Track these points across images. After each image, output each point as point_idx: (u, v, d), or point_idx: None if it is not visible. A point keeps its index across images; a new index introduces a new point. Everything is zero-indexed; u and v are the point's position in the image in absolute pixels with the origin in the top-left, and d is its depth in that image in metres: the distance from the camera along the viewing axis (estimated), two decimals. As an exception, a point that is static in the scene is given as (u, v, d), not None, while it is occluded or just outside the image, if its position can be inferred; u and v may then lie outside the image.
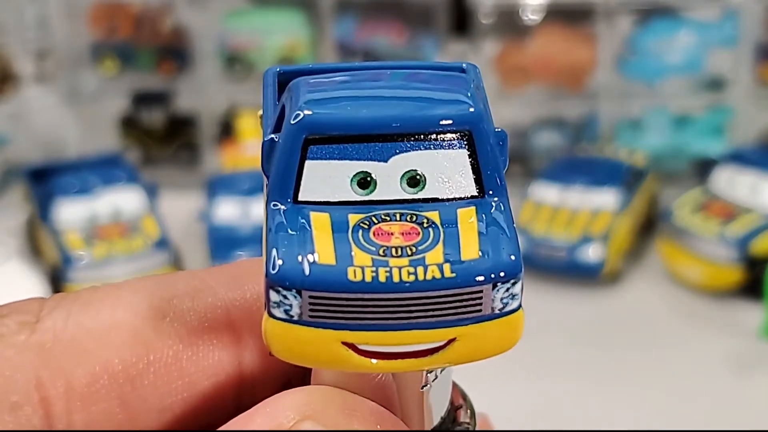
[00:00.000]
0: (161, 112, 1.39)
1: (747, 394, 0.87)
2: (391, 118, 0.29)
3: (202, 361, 0.30)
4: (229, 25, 1.36)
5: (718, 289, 1.02)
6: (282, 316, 0.27)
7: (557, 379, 0.90)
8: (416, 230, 0.28)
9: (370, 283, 0.26)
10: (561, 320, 1.01)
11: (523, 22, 1.29)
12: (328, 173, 0.29)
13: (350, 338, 0.27)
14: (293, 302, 0.27)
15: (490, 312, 0.28)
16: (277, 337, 0.27)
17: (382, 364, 0.27)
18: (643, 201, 1.15)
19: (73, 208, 1.08)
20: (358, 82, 0.31)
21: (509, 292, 0.28)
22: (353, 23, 1.34)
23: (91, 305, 0.29)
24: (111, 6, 1.39)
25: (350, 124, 0.29)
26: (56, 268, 1.04)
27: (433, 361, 0.28)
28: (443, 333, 0.27)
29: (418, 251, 0.27)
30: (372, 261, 0.27)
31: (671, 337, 0.97)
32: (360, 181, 0.29)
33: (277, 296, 0.27)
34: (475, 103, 0.29)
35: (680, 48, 1.26)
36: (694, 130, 1.27)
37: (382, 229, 0.28)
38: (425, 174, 0.29)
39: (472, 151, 0.29)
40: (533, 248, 1.06)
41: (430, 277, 0.27)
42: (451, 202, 0.29)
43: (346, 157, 0.29)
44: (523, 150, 1.31)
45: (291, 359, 0.27)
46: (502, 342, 0.29)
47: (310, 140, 0.28)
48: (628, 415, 0.84)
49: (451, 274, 0.27)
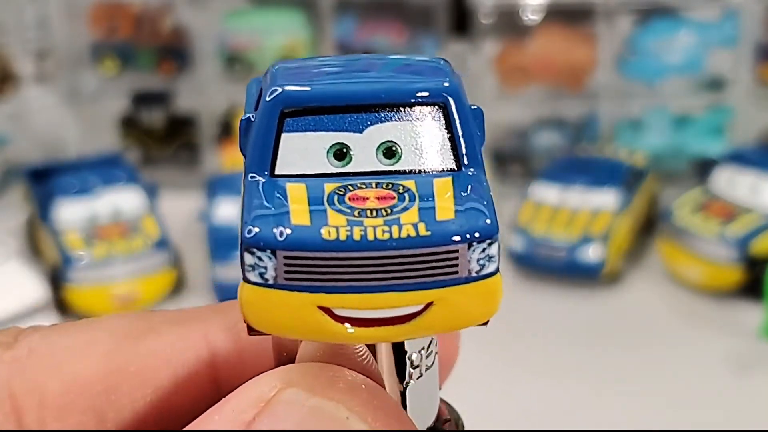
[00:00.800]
0: (161, 112, 1.39)
1: (747, 394, 0.87)
2: (367, 90, 0.29)
3: (180, 375, 0.30)
4: (229, 25, 1.36)
5: (718, 289, 1.02)
6: (257, 280, 0.26)
7: (557, 379, 0.90)
8: (392, 195, 0.28)
9: (344, 241, 0.26)
10: (561, 320, 1.01)
11: (523, 22, 1.29)
12: (304, 145, 0.29)
13: (326, 302, 0.26)
14: (268, 264, 0.26)
15: (467, 274, 0.27)
16: (253, 304, 0.27)
17: (359, 333, 0.27)
18: (643, 201, 1.15)
19: (73, 208, 1.08)
20: (336, 65, 0.31)
21: (486, 253, 0.28)
22: (353, 23, 1.34)
23: (69, 327, 0.30)
24: (111, 6, 1.39)
25: (326, 95, 0.29)
26: (56, 268, 1.04)
27: (411, 329, 0.27)
28: (420, 296, 0.27)
29: (393, 213, 0.27)
30: (347, 221, 0.27)
31: (671, 337, 0.97)
32: (336, 153, 0.29)
33: (252, 258, 0.26)
34: (451, 80, 0.29)
35: (680, 48, 1.26)
36: (694, 130, 1.27)
37: (357, 194, 0.28)
38: (401, 145, 0.29)
39: (448, 124, 0.29)
40: (533, 248, 1.06)
41: (405, 235, 0.27)
42: (428, 174, 0.29)
43: (321, 128, 0.29)
44: (523, 150, 1.31)
45: (267, 328, 0.27)
46: (480, 309, 0.28)
47: (286, 113, 0.29)
48: (628, 415, 0.84)
49: (426, 232, 0.27)
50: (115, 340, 0.29)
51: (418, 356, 0.30)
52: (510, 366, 0.93)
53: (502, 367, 0.93)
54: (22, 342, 0.29)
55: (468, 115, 0.30)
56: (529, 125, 1.33)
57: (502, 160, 1.31)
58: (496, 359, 0.94)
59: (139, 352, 0.29)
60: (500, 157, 1.31)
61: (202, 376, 0.30)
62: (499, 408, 0.86)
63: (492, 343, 0.97)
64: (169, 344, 0.30)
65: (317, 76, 0.30)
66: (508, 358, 0.94)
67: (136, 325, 0.30)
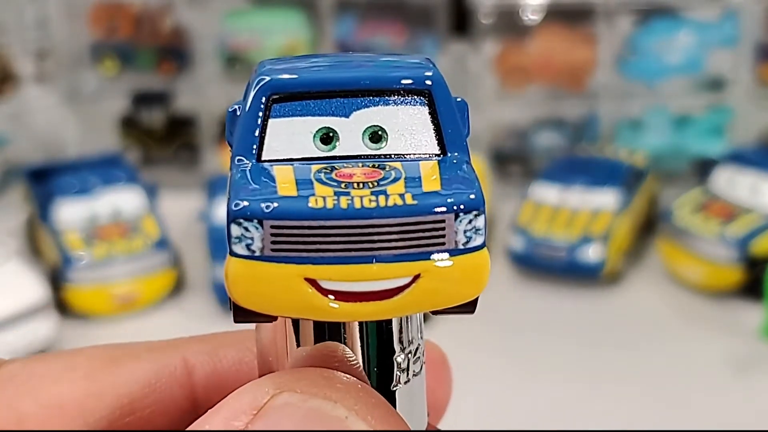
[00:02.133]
0: (161, 112, 1.39)
1: (747, 394, 0.87)
2: (354, 76, 0.29)
3: (158, 397, 0.30)
4: (229, 25, 1.36)
5: (718, 290, 1.02)
6: (243, 253, 0.26)
7: (557, 379, 0.90)
8: (378, 172, 0.28)
9: (331, 209, 0.26)
10: (561, 320, 1.01)
11: (523, 22, 1.29)
12: (291, 130, 0.29)
13: (312, 273, 0.26)
14: (255, 235, 0.26)
15: (454, 246, 0.27)
16: (240, 277, 0.26)
17: (345, 308, 0.26)
18: (643, 201, 1.15)
19: (73, 208, 1.08)
20: (324, 60, 0.31)
21: (472, 225, 0.28)
22: (353, 23, 1.34)
23: (49, 355, 0.30)
24: (111, 6, 1.39)
25: (313, 81, 0.29)
26: (56, 269, 1.04)
27: (397, 304, 0.27)
28: (407, 267, 0.27)
29: (380, 185, 0.27)
30: (334, 192, 0.27)
31: (671, 337, 0.97)
32: (323, 137, 0.29)
33: (239, 229, 0.26)
34: (435, 71, 0.30)
35: (680, 48, 1.26)
36: (694, 131, 1.27)
37: (343, 171, 0.28)
38: (387, 130, 0.29)
39: (433, 111, 0.30)
40: (533, 248, 1.06)
41: (391, 204, 0.27)
42: (413, 158, 0.29)
43: (308, 113, 0.29)
44: (523, 150, 1.31)
45: (253, 303, 0.27)
46: (467, 284, 0.28)
47: (275, 99, 0.29)
48: (628, 414, 0.84)
49: (412, 201, 0.27)
50: (93, 365, 0.29)
51: (404, 359, 0.30)
52: (510, 366, 0.93)
53: (502, 367, 0.93)
54: (3, 369, 0.29)
55: (452, 105, 0.30)
56: (529, 125, 1.33)
57: (502, 160, 1.31)
58: (496, 359, 0.94)
59: (117, 376, 0.29)
60: (500, 157, 1.31)
61: (182, 399, 0.30)
62: (499, 407, 0.86)
63: (492, 343, 0.97)
64: (148, 367, 0.30)
65: (305, 68, 0.30)
66: (509, 358, 0.94)
67: (115, 352, 0.30)
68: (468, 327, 0.97)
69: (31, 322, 0.94)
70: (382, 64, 0.31)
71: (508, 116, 1.32)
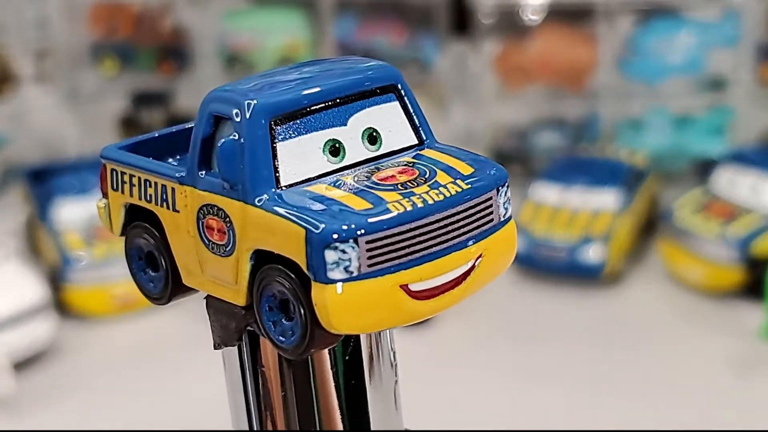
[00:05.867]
0: (161, 112, 1.39)
1: (747, 394, 0.87)
2: (345, 83, 0.30)
3: None
4: (229, 25, 1.36)
5: (718, 290, 1.02)
6: (341, 276, 0.27)
7: (558, 379, 0.90)
8: (407, 168, 0.29)
9: (412, 211, 0.27)
10: (562, 320, 1.01)
11: (524, 22, 1.28)
12: (300, 149, 0.29)
13: (406, 278, 0.27)
14: (351, 255, 0.27)
15: (498, 220, 0.30)
16: (340, 302, 0.27)
17: (431, 305, 0.28)
18: (643, 201, 1.14)
19: (72, 209, 1.08)
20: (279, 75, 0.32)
21: (507, 196, 0.30)
22: (353, 23, 1.34)
23: None
24: (111, 6, 1.39)
25: (309, 95, 0.30)
26: (56, 269, 1.04)
27: (464, 290, 0.29)
28: (474, 250, 0.29)
29: (428, 179, 0.29)
30: (400, 195, 0.28)
31: (672, 337, 0.97)
32: (331, 149, 0.30)
33: (335, 254, 0.27)
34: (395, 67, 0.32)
35: (681, 48, 1.26)
36: (695, 131, 1.27)
37: (380, 175, 0.29)
38: (379, 130, 0.31)
39: (404, 104, 0.31)
40: (534, 248, 1.06)
41: (454, 192, 0.28)
42: (407, 151, 0.31)
43: (311, 129, 0.29)
44: (524, 150, 1.31)
45: (353, 326, 0.27)
46: (506, 255, 0.30)
47: (276, 121, 0.29)
48: (628, 414, 0.84)
49: (466, 186, 0.29)
50: None
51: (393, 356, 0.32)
52: (511, 365, 0.93)
53: (503, 367, 0.92)
54: None
55: (413, 96, 0.32)
56: (529, 125, 1.33)
57: (502, 160, 1.31)
58: (497, 359, 0.94)
59: None
60: (500, 157, 1.31)
61: None
62: (500, 407, 0.85)
63: (493, 343, 0.97)
64: None
65: (279, 84, 0.30)
66: (510, 358, 0.94)
67: None
68: (470, 327, 0.97)
69: (30, 323, 0.94)
70: (351, 68, 0.32)
71: (508, 116, 1.32)
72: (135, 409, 0.89)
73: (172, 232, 0.32)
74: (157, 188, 0.32)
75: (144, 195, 0.32)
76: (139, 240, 0.34)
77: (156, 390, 0.91)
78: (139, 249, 0.34)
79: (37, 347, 0.95)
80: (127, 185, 0.33)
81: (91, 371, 0.95)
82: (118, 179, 0.33)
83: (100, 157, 0.34)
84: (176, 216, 0.31)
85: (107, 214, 0.35)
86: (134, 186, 0.33)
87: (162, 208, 0.32)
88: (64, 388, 0.92)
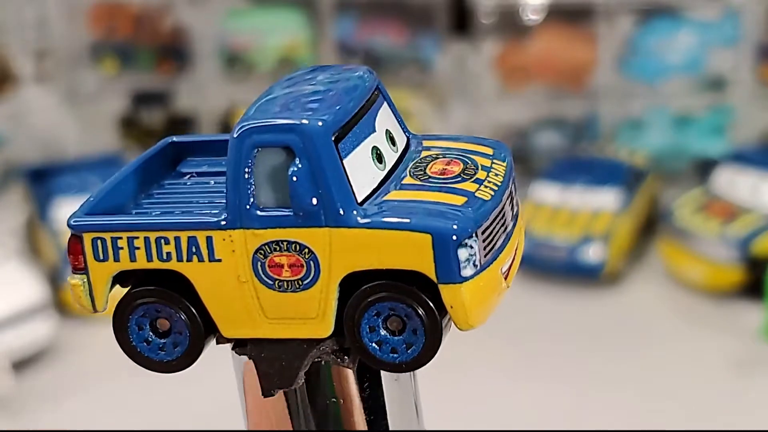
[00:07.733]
0: (161, 111, 1.39)
1: (747, 394, 0.87)
2: (365, 90, 0.31)
3: None
4: (229, 25, 1.36)
5: (718, 290, 1.02)
6: (472, 272, 0.27)
7: (558, 379, 0.90)
8: (447, 159, 0.30)
9: (494, 196, 0.28)
10: (561, 320, 1.01)
11: (524, 22, 1.28)
12: (359, 162, 0.29)
13: (501, 260, 0.28)
14: (476, 248, 0.27)
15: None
16: (477, 298, 0.27)
17: (508, 282, 0.29)
18: (643, 201, 1.14)
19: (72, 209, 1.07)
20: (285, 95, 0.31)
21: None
22: (353, 23, 1.34)
23: None
24: (111, 6, 1.39)
25: (349, 107, 0.30)
26: (55, 269, 1.04)
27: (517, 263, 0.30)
28: (520, 227, 0.30)
29: (476, 166, 0.30)
30: (475, 184, 0.29)
31: (672, 337, 0.97)
32: (377, 156, 0.30)
33: (466, 251, 0.27)
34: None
35: (681, 48, 1.26)
36: (695, 130, 1.27)
37: (433, 169, 0.30)
38: (392, 130, 0.31)
39: (389, 102, 0.32)
40: (534, 248, 1.06)
41: (502, 173, 0.29)
42: (413, 144, 0.32)
43: (359, 140, 0.30)
44: (524, 150, 1.31)
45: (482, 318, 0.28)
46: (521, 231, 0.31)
47: (337, 138, 0.29)
48: (628, 414, 0.84)
49: (504, 163, 0.30)
50: None
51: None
52: (511, 365, 0.93)
53: (502, 366, 0.92)
54: None
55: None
56: (529, 125, 1.33)
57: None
58: (497, 359, 0.94)
59: None
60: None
61: None
62: (500, 407, 0.85)
63: (492, 343, 0.96)
64: None
65: (309, 103, 0.30)
66: (509, 358, 0.94)
67: None
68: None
69: (30, 322, 0.94)
70: (349, 75, 0.32)
71: (508, 116, 1.32)
72: (135, 409, 0.89)
73: (208, 286, 0.30)
74: (180, 243, 0.30)
75: (158, 255, 0.30)
76: (146, 307, 0.31)
77: (156, 390, 0.91)
78: (143, 317, 0.31)
79: (36, 347, 0.95)
80: (124, 251, 0.30)
81: (91, 371, 0.95)
82: (106, 248, 0.31)
83: (71, 228, 0.31)
84: (216, 266, 0.29)
85: (87, 292, 0.31)
86: (137, 249, 0.30)
87: (190, 263, 0.30)
88: (63, 388, 0.92)
